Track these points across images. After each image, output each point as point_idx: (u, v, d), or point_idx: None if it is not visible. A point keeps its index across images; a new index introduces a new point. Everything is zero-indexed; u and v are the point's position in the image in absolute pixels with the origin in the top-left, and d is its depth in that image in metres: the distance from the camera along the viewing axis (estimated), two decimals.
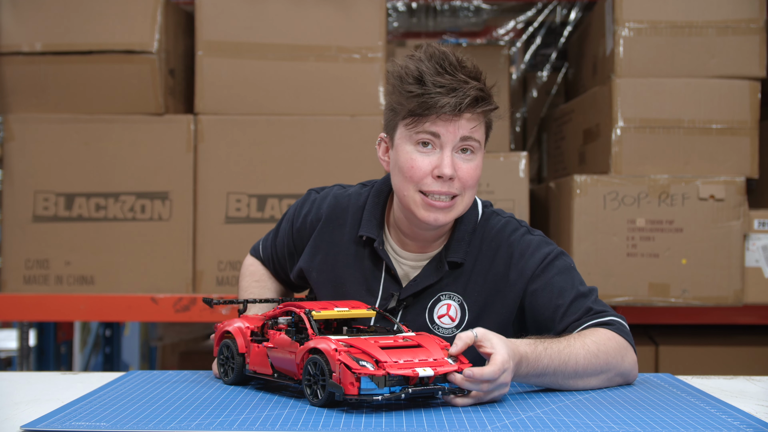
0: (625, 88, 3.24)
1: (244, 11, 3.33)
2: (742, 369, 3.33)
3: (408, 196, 1.81)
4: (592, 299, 1.84)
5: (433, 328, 1.87)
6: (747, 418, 1.50)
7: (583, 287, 1.85)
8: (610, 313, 1.83)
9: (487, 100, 1.80)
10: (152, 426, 1.40)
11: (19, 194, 3.32)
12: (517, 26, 4.44)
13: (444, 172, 1.76)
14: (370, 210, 1.93)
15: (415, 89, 1.76)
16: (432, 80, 1.75)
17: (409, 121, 1.79)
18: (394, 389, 1.47)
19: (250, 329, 1.75)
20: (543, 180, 4.28)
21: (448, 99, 1.74)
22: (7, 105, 3.36)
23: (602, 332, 1.76)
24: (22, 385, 1.82)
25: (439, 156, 1.78)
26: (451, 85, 1.75)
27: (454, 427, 1.41)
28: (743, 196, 3.16)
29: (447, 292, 1.88)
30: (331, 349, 1.50)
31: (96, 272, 3.30)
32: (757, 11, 3.25)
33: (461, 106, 1.74)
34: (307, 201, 2.03)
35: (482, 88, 1.79)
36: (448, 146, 1.77)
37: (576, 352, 1.68)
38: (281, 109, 3.32)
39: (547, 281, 1.84)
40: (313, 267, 1.96)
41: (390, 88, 1.83)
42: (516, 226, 1.92)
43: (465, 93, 1.75)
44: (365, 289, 1.90)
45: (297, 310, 1.66)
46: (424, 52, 1.80)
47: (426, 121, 1.76)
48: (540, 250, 1.87)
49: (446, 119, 1.76)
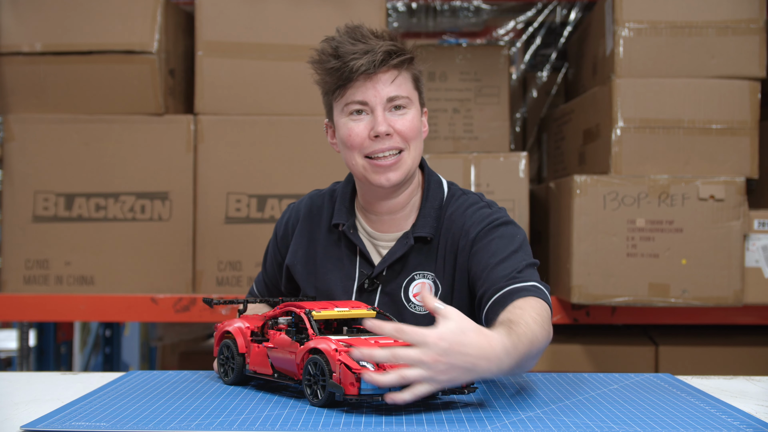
0: (625, 88, 3.24)
1: (244, 11, 3.33)
2: (742, 369, 3.33)
3: (357, 164, 1.89)
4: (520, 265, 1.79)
5: (409, 306, 1.91)
6: (747, 418, 1.50)
7: (520, 253, 1.82)
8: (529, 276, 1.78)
9: (399, 53, 1.87)
10: (152, 426, 1.40)
11: (19, 194, 3.32)
12: (517, 26, 4.44)
13: (379, 130, 1.85)
14: (340, 199, 2.01)
15: (334, 63, 1.87)
16: (345, 50, 1.86)
17: (337, 94, 1.90)
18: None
19: (250, 329, 1.75)
20: (543, 180, 4.28)
21: (361, 61, 1.83)
22: (7, 105, 3.36)
23: (535, 302, 1.70)
24: (22, 385, 1.82)
25: (371, 118, 1.86)
26: (363, 48, 1.85)
27: (454, 427, 1.41)
28: (743, 196, 3.16)
29: (420, 271, 1.92)
30: (331, 350, 1.50)
31: (96, 272, 3.30)
32: (757, 11, 3.25)
33: (375, 63, 1.83)
34: (286, 211, 2.13)
35: (394, 44, 1.87)
36: (378, 107, 1.85)
37: (534, 329, 1.61)
38: (281, 109, 3.32)
39: (486, 243, 1.86)
40: (296, 261, 2.02)
41: (316, 75, 1.95)
42: (476, 200, 1.96)
43: (375, 51, 1.84)
44: (344, 274, 1.96)
45: (297, 310, 1.66)
46: (338, 30, 1.92)
47: (349, 88, 1.86)
48: (489, 217, 1.90)
49: (366, 80, 1.85)
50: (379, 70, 1.85)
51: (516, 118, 4.39)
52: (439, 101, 3.84)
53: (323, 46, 1.92)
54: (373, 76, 1.85)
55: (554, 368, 3.35)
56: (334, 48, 1.88)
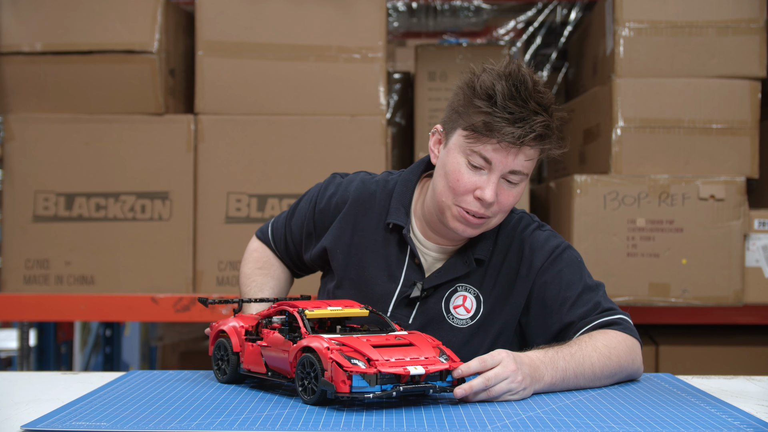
0: (625, 88, 3.24)
1: (244, 11, 3.33)
2: (742, 369, 3.33)
3: (445, 204, 1.82)
4: (600, 294, 1.87)
5: (448, 318, 1.90)
6: (747, 418, 1.50)
7: (590, 280, 1.89)
8: (617, 311, 1.85)
9: (548, 138, 1.77)
10: (152, 426, 1.40)
11: (19, 194, 3.32)
12: (517, 26, 4.43)
13: (485, 197, 1.77)
14: (398, 198, 1.94)
15: (484, 106, 1.74)
16: (503, 104, 1.72)
17: (468, 134, 1.77)
18: (385, 387, 1.48)
19: (245, 328, 1.75)
20: (543, 180, 4.28)
21: (513, 129, 1.71)
22: (7, 105, 3.36)
23: (612, 333, 1.79)
24: (22, 385, 1.82)
25: (486, 179, 1.77)
26: (521, 114, 1.72)
27: (454, 427, 1.41)
28: (743, 196, 3.16)
29: (463, 284, 1.90)
30: (323, 348, 1.51)
31: (96, 272, 3.30)
32: (757, 11, 3.25)
33: (524, 140, 1.73)
34: (332, 183, 2.03)
35: (548, 125, 1.75)
36: (496, 172, 1.77)
37: (589, 354, 1.71)
38: (281, 109, 3.32)
39: (556, 273, 1.87)
40: (338, 247, 1.96)
41: (459, 91, 1.82)
42: (528, 222, 1.95)
43: (531, 127, 1.72)
44: (387, 275, 1.92)
45: (290, 309, 1.66)
46: (504, 68, 1.77)
47: (484, 142, 1.75)
48: (548, 244, 1.90)
49: (504, 147, 1.74)
50: (522, 148, 1.75)
51: None
52: (439, 101, 3.84)
53: (483, 76, 1.77)
54: (514, 149, 1.74)
55: None
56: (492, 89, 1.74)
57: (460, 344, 1.88)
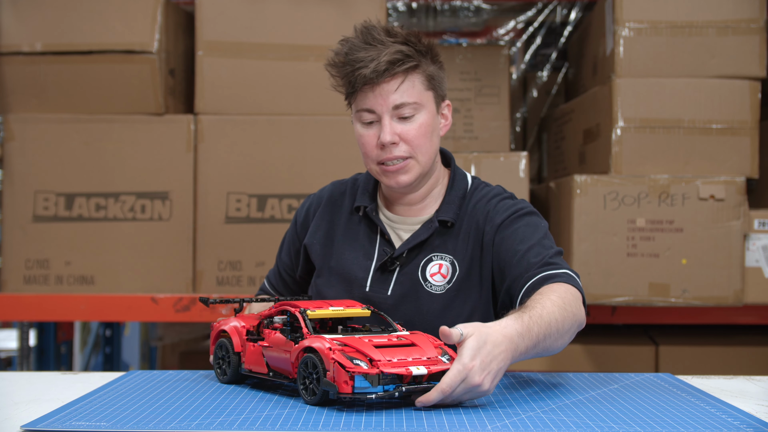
0: (625, 88, 3.24)
1: (244, 11, 3.33)
2: (742, 369, 3.33)
3: (371, 170, 1.97)
4: (551, 252, 1.87)
5: (425, 285, 1.94)
6: (747, 418, 1.50)
7: (546, 241, 1.90)
8: (562, 264, 1.86)
9: (403, 60, 1.87)
10: (152, 426, 1.40)
11: (19, 194, 3.32)
12: (517, 26, 4.43)
13: (384, 140, 1.89)
14: (363, 185, 2.08)
15: (343, 68, 1.89)
16: (354, 57, 1.87)
17: (350, 100, 1.94)
18: (387, 387, 1.48)
19: (246, 328, 1.75)
20: (543, 180, 4.28)
21: (366, 70, 1.85)
22: (7, 105, 3.36)
23: (559, 286, 1.78)
24: (22, 385, 1.82)
25: (379, 126, 1.90)
26: (370, 56, 1.85)
27: (454, 427, 1.41)
28: (743, 196, 3.16)
29: (439, 253, 1.96)
30: (325, 348, 1.51)
31: (96, 272, 3.30)
32: (757, 11, 3.25)
33: (378, 72, 1.85)
34: (307, 200, 2.18)
35: (400, 50, 1.87)
36: (385, 115, 1.88)
37: (552, 311, 1.69)
38: (281, 109, 3.32)
39: (513, 230, 1.91)
40: (315, 241, 2.07)
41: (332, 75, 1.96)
42: (500, 192, 2.02)
43: (379, 60, 1.85)
44: (362, 254, 2.00)
45: (292, 309, 1.66)
46: (355, 28, 1.91)
47: (358, 95, 1.90)
48: (514, 207, 1.96)
49: (371, 90, 1.88)
50: (382, 80, 1.87)
51: (516, 118, 4.39)
52: None
53: (337, 47, 1.92)
54: (376, 86, 1.87)
55: (554, 368, 3.35)
56: (345, 53, 1.89)
57: (440, 310, 1.93)
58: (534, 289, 1.79)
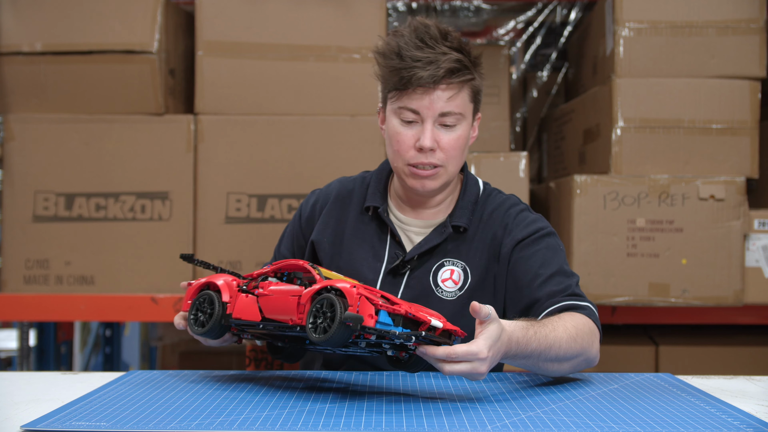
0: (625, 88, 3.24)
1: (244, 11, 3.33)
2: (742, 369, 3.33)
3: (398, 167, 1.95)
4: (573, 281, 1.91)
5: (436, 291, 1.95)
6: (747, 418, 1.50)
7: (567, 268, 1.93)
8: (585, 299, 1.89)
9: (462, 71, 1.87)
10: (152, 426, 1.40)
11: (19, 194, 3.32)
12: (517, 26, 4.43)
13: (424, 145, 1.87)
14: (374, 184, 2.06)
15: (395, 64, 1.87)
16: (410, 54, 1.84)
17: (393, 94, 1.90)
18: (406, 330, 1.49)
19: (237, 282, 1.69)
20: (543, 180, 4.28)
21: (423, 72, 1.83)
22: (7, 105, 3.36)
23: (579, 317, 1.81)
24: (22, 385, 1.82)
25: (421, 128, 1.88)
26: (428, 58, 1.84)
27: (454, 427, 1.41)
28: (743, 196, 3.16)
29: (450, 259, 1.96)
30: (349, 287, 1.49)
31: (96, 272, 3.30)
32: (757, 11, 3.25)
33: (436, 78, 1.83)
34: (312, 195, 2.15)
35: (459, 59, 1.86)
36: (429, 120, 1.87)
37: (560, 336, 1.71)
38: (281, 109, 3.32)
39: (534, 251, 1.92)
40: (323, 238, 2.05)
41: (376, 62, 1.94)
42: (516, 202, 2.04)
43: (439, 66, 1.83)
44: (372, 255, 1.99)
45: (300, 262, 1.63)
46: (407, 26, 1.89)
47: (406, 94, 1.87)
48: (536, 224, 1.97)
49: (423, 93, 1.85)
50: (438, 86, 1.86)
51: (516, 118, 4.39)
52: None
53: (389, 40, 1.90)
54: (430, 90, 1.86)
55: None
56: (398, 47, 1.87)
57: (450, 316, 1.90)
58: (555, 313, 1.82)
